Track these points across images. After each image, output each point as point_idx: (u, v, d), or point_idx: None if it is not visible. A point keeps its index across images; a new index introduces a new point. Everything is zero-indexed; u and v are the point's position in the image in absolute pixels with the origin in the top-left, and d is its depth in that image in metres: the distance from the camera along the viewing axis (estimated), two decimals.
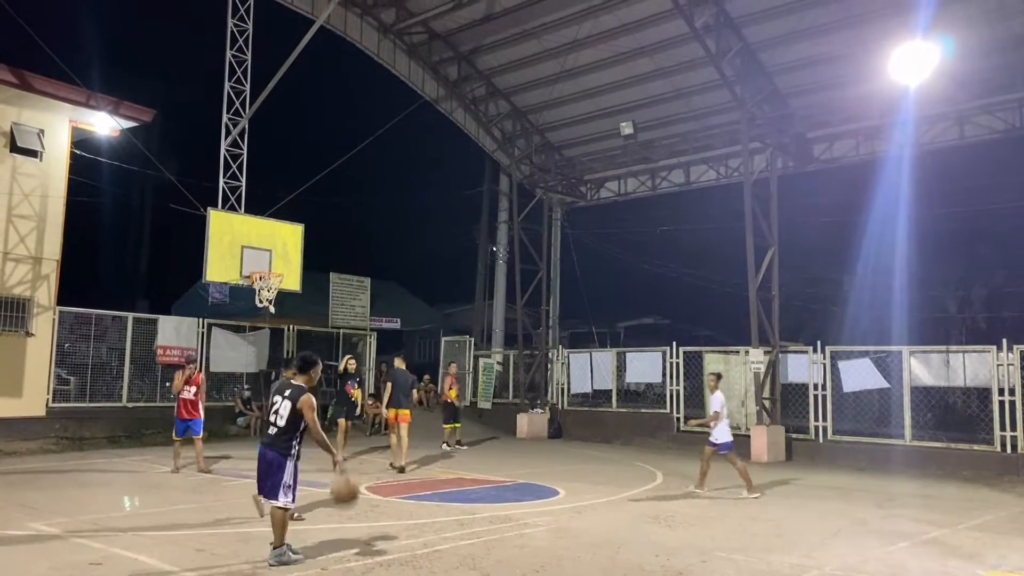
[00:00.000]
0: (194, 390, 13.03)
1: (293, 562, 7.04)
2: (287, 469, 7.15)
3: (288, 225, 17.28)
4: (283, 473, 7.13)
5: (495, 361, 24.85)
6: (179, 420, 13.03)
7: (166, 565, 6.98)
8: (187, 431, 12.98)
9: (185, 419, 12.97)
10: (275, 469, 7.14)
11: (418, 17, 19.65)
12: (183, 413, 12.99)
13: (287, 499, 7.15)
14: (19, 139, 16.41)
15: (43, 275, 16.75)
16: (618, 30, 18.41)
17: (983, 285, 28.48)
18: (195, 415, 13.00)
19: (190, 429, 12.97)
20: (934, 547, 8.59)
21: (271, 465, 7.16)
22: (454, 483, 12.68)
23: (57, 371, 17.16)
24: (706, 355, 19.00)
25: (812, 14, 16.55)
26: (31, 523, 8.62)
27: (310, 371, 7.49)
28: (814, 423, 17.01)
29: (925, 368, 16.02)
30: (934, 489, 13.14)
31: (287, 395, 7.25)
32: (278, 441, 7.21)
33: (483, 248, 31.23)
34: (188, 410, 12.98)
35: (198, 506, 10.01)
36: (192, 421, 12.98)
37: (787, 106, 18.76)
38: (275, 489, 7.11)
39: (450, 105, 22.13)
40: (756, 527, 9.49)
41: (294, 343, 21.69)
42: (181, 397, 13.01)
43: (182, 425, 13.00)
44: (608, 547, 8.17)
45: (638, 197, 23.71)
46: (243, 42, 16.88)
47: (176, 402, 13.12)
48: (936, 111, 17.38)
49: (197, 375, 13.22)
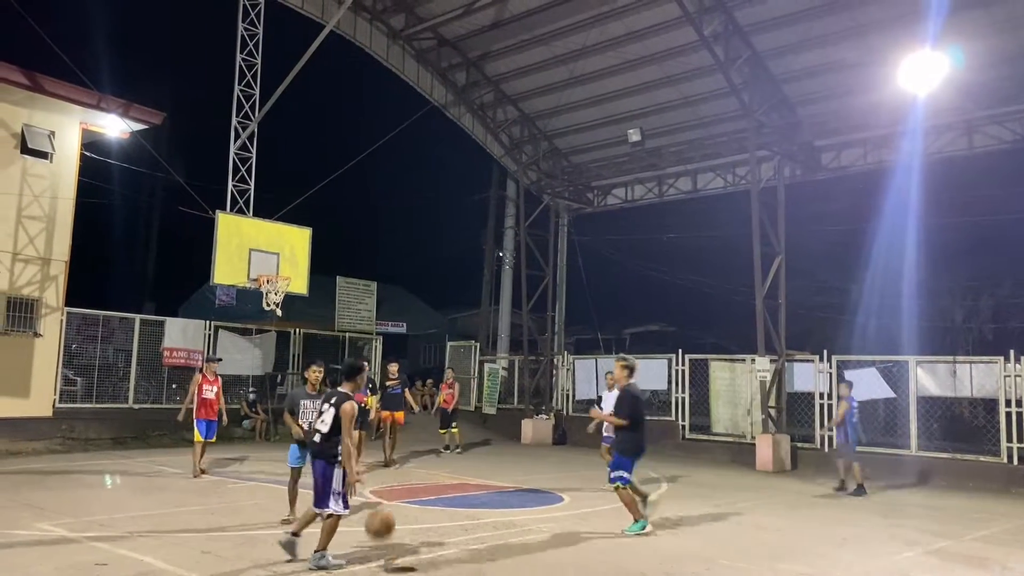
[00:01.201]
0: (216, 389, 12.87)
1: (333, 567, 7.05)
2: (335, 476, 7.19)
3: (296, 229, 17.34)
4: (332, 481, 7.19)
5: (500, 366, 24.86)
6: (207, 420, 12.74)
7: (171, 567, 7.00)
8: (209, 431, 12.76)
9: (212, 419, 12.75)
10: (325, 479, 7.21)
11: (427, 23, 19.71)
12: (209, 413, 12.76)
13: (337, 506, 7.18)
14: (30, 141, 16.50)
15: (52, 276, 16.82)
16: (626, 37, 18.44)
17: (990, 295, 28.36)
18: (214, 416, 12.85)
19: (211, 429, 12.78)
20: (940, 557, 8.56)
21: (322, 476, 7.24)
22: (458, 488, 12.68)
23: (64, 372, 17.21)
24: (712, 363, 18.98)
25: (821, 23, 16.55)
26: (37, 523, 8.65)
27: (356, 377, 7.61)
28: (819, 432, 16.97)
29: (932, 378, 15.97)
30: (940, 500, 13.10)
31: (333, 402, 7.35)
32: (324, 449, 7.28)
33: (489, 253, 31.26)
34: (212, 410, 12.78)
35: (203, 508, 10.03)
36: (215, 422, 12.83)
37: (795, 114, 18.76)
38: (325, 498, 7.19)
39: (458, 110, 22.17)
40: (761, 535, 9.47)
41: (300, 346, 21.74)
42: (203, 397, 12.76)
43: (210, 425, 12.78)
44: (612, 554, 8.17)
45: (645, 204, 23.68)
46: (253, 46, 16.96)
47: (197, 403, 12.74)
48: (945, 121, 17.35)
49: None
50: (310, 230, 17.48)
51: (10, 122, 16.30)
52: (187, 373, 19.19)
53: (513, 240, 27.49)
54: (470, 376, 24.90)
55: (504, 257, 28.45)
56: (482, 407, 23.86)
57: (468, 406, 24.51)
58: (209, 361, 13.37)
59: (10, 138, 16.32)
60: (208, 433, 12.79)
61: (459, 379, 25.33)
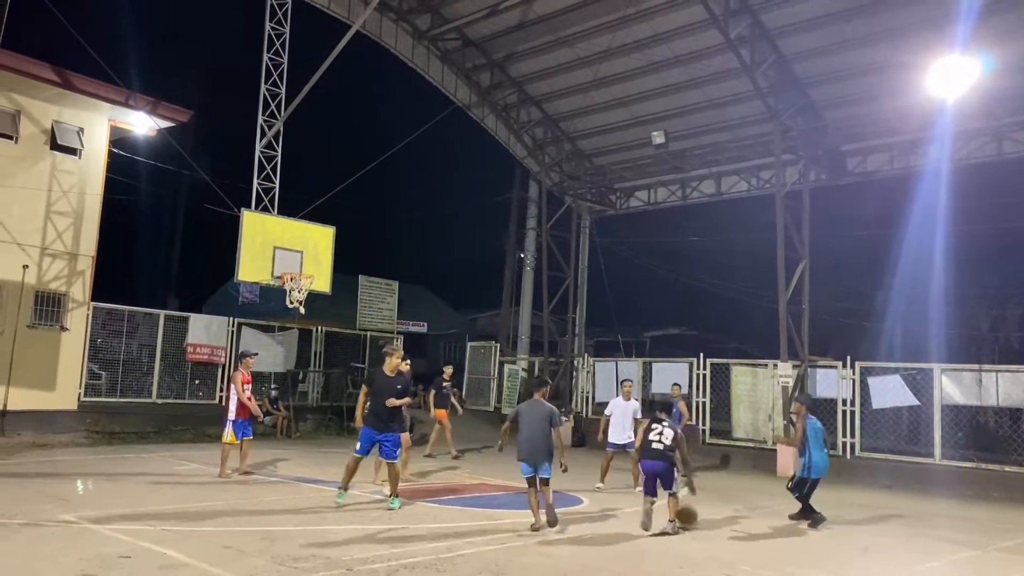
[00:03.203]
0: (250, 387, 12.67)
1: (676, 532, 9.19)
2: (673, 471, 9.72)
3: (320, 227, 17.41)
4: (674, 472, 9.64)
5: (520, 367, 24.86)
6: (245, 420, 12.51)
7: (193, 560, 7.06)
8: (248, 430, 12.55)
9: (249, 417, 12.57)
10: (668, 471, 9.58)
11: (452, 23, 19.76)
12: (247, 411, 12.54)
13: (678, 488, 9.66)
14: (59, 137, 16.71)
15: (79, 271, 17.03)
16: (651, 39, 18.39)
17: (1018, 303, 28.00)
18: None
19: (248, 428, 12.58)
20: (964, 568, 8.47)
21: (668, 470, 9.55)
22: (478, 488, 12.69)
23: (89, 366, 17.40)
24: (733, 367, 18.87)
25: (849, 27, 16.42)
26: (62, 515, 8.75)
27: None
28: (842, 439, 16.82)
29: (957, 386, 15.78)
30: (964, 510, 12.94)
31: (668, 424, 9.77)
32: (668, 456, 9.55)
33: (511, 254, 31.26)
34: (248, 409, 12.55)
35: (225, 503, 10.10)
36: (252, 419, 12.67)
37: (821, 118, 18.62)
38: (670, 483, 9.52)
39: (482, 111, 22.21)
40: (783, 542, 9.41)
41: (322, 344, 21.86)
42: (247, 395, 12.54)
43: (247, 424, 12.57)
44: (632, 557, 8.14)
45: (668, 207, 23.60)
46: (280, 45, 17.07)
47: (237, 401, 12.42)
48: (973, 126, 17.15)
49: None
50: (334, 229, 17.55)
51: (41, 119, 16.53)
52: (210, 369, 19.40)
53: (535, 241, 27.46)
54: (490, 377, 24.92)
55: (525, 258, 28.44)
56: (501, 407, 23.86)
57: (487, 407, 24.55)
58: (246, 357, 12.93)
59: (40, 134, 16.54)
60: (247, 431, 12.58)
61: (479, 379, 25.54)
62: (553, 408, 9.54)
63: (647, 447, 9.68)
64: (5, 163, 15.82)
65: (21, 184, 16.05)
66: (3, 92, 15.79)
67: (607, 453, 13.54)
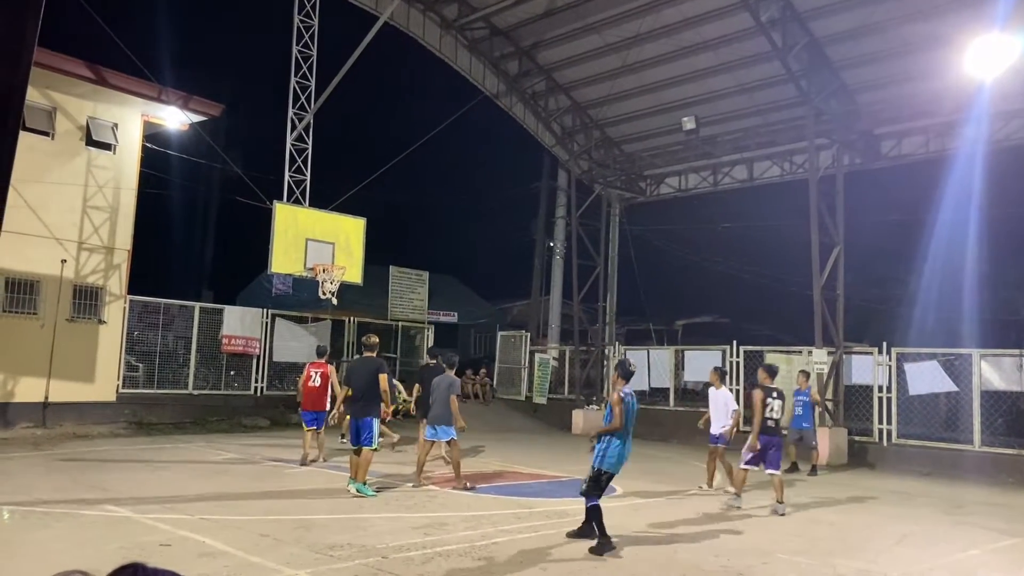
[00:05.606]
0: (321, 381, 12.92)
1: (783, 513, 9.85)
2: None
3: (351, 219, 17.51)
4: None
5: (551, 356, 24.85)
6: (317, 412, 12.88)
7: (231, 548, 7.15)
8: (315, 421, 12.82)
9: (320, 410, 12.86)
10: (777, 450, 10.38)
11: (480, 12, 19.71)
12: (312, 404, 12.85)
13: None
14: (94, 133, 16.94)
15: (115, 265, 17.29)
16: (681, 24, 18.20)
17: None
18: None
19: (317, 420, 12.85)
20: (1006, 556, 8.34)
21: (779, 446, 10.47)
22: (510, 476, 12.73)
23: (127, 358, 17.69)
24: (768, 355, 18.69)
25: (883, 8, 16.11)
26: (103, 504, 8.91)
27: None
28: (878, 426, 16.62)
29: (996, 372, 15.53)
30: (1005, 497, 12.74)
31: (779, 394, 10.37)
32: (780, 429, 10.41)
33: (540, 243, 31.20)
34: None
35: (262, 493, 10.23)
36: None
37: (854, 101, 18.33)
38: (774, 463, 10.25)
39: (510, 100, 22.15)
40: (819, 530, 9.32)
41: (354, 334, 21.99)
42: (311, 385, 12.87)
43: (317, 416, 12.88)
44: (666, 545, 8.12)
45: (699, 193, 23.40)
46: (309, 38, 17.15)
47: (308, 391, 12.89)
48: (1012, 107, 16.79)
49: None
50: (364, 220, 17.64)
51: (76, 115, 16.76)
52: (245, 360, 19.63)
53: (564, 230, 27.40)
54: (520, 366, 24.94)
55: (555, 247, 28.39)
56: (532, 396, 23.88)
57: (519, 395, 24.58)
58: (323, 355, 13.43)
59: (76, 130, 16.78)
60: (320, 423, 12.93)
61: (510, 368, 25.53)
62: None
63: (764, 423, 10.02)
64: (42, 159, 16.09)
65: (58, 180, 16.31)
66: (39, 89, 16.04)
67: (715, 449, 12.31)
